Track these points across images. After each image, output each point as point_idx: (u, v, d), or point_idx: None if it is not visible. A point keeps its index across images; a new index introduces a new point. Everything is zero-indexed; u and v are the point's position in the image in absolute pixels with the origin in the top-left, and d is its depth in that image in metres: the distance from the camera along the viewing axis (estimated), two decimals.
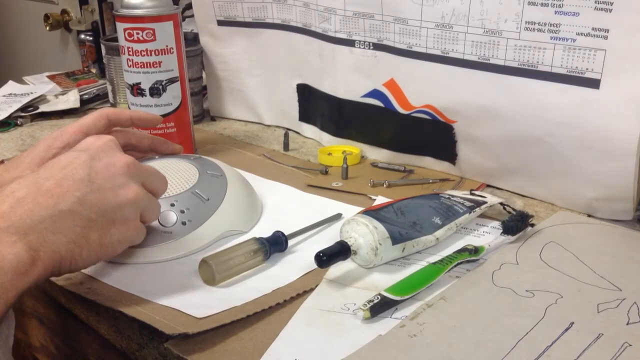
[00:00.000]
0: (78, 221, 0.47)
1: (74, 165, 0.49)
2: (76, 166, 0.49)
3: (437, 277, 0.53)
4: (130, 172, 0.51)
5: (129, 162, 0.51)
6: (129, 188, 0.50)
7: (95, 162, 0.50)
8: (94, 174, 0.49)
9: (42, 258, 0.44)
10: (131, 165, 0.51)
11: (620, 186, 0.62)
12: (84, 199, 0.47)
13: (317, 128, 0.88)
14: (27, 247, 0.44)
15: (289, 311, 0.50)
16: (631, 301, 0.51)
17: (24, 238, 0.44)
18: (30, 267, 0.43)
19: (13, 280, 0.42)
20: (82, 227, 0.47)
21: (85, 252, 0.48)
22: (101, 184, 0.49)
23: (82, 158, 0.49)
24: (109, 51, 0.96)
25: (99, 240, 0.48)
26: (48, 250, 0.45)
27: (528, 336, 0.46)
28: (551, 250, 0.59)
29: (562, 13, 0.60)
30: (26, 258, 0.43)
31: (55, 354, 0.71)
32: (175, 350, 0.46)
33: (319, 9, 0.79)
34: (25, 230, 0.44)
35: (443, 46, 0.69)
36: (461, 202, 0.64)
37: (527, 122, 0.66)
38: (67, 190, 0.47)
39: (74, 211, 0.47)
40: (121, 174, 0.50)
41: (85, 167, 0.49)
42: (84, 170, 0.49)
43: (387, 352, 0.45)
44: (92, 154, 0.50)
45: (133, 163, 0.51)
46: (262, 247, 0.56)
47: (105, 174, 0.49)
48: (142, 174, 0.52)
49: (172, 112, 0.79)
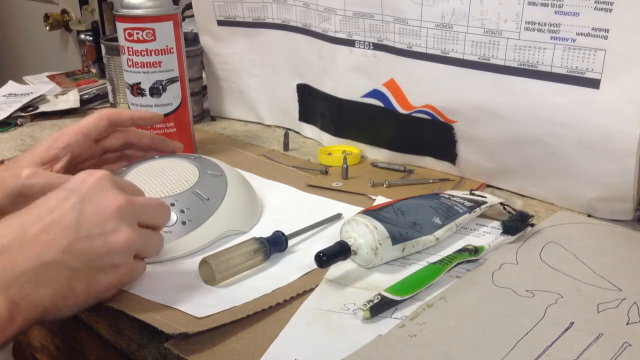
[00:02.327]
0: (63, 272, 0.45)
1: (62, 209, 0.46)
2: (64, 211, 0.46)
3: (437, 277, 0.53)
4: (122, 214, 0.48)
5: (121, 204, 0.48)
6: (119, 233, 0.47)
7: (84, 205, 0.47)
8: (82, 219, 0.46)
9: (23, 312, 0.43)
10: (123, 207, 0.48)
11: (620, 186, 0.62)
12: (70, 247, 0.45)
13: (317, 128, 0.88)
14: (7, 301, 0.42)
15: (289, 311, 0.50)
16: (631, 301, 0.51)
17: (5, 292, 0.43)
18: (8, 323, 0.42)
19: None
20: (67, 278, 0.45)
21: (70, 302, 0.46)
22: (90, 230, 0.46)
23: (71, 201, 0.47)
24: (109, 51, 0.96)
25: (86, 290, 0.47)
26: (29, 303, 0.44)
27: (528, 336, 0.46)
28: (551, 250, 0.59)
29: (562, 13, 0.60)
30: (5, 314, 0.42)
31: (55, 354, 0.71)
32: (175, 350, 0.46)
33: (319, 9, 0.79)
34: (6, 284, 0.43)
35: (443, 46, 0.69)
36: (461, 202, 0.64)
37: (527, 122, 0.66)
38: (53, 238, 0.45)
39: (59, 262, 0.45)
40: (112, 218, 0.47)
41: (74, 212, 0.46)
42: (72, 215, 0.46)
43: (387, 352, 0.45)
44: (82, 196, 0.47)
45: (126, 203, 0.48)
46: (262, 247, 0.56)
47: (94, 219, 0.47)
48: (137, 213, 0.50)
49: (172, 112, 0.79)
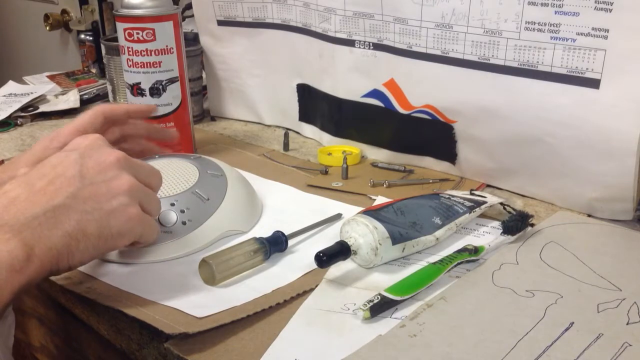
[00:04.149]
0: (73, 215, 0.47)
1: (65, 164, 0.49)
2: (67, 164, 0.49)
3: (437, 277, 0.53)
4: (121, 164, 0.51)
5: (120, 156, 0.51)
6: (121, 179, 0.50)
7: (85, 159, 0.50)
8: (85, 170, 0.49)
9: (38, 254, 0.44)
10: (122, 159, 0.51)
11: (620, 186, 0.62)
12: (77, 193, 0.48)
13: (317, 128, 0.88)
14: (21, 244, 0.43)
15: (289, 311, 0.50)
16: (631, 301, 0.51)
17: (18, 235, 0.44)
18: (25, 264, 0.43)
19: (8, 277, 0.42)
20: (78, 221, 0.47)
21: (82, 245, 0.47)
22: (93, 178, 0.49)
23: (72, 157, 0.50)
24: (109, 51, 0.96)
25: (97, 233, 0.48)
26: (43, 246, 0.45)
27: (528, 336, 0.46)
28: (551, 250, 0.59)
29: (562, 13, 0.60)
30: (21, 255, 0.43)
31: (55, 354, 0.71)
32: (175, 350, 0.46)
33: (319, 9, 0.79)
34: (19, 228, 0.44)
35: (443, 46, 0.69)
36: (461, 202, 0.64)
37: (527, 122, 0.66)
38: (60, 187, 0.48)
39: (68, 205, 0.47)
40: (112, 167, 0.50)
41: (77, 165, 0.49)
42: (75, 168, 0.49)
43: (387, 352, 0.45)
44: (81, 152, 0.50)
45: (124, 157, 0.51)
46: (262, 247, 0.56)
47: (96, 169, 0.50)
48: (134, 167, 0.52)
49: (172, 112, 0.79)
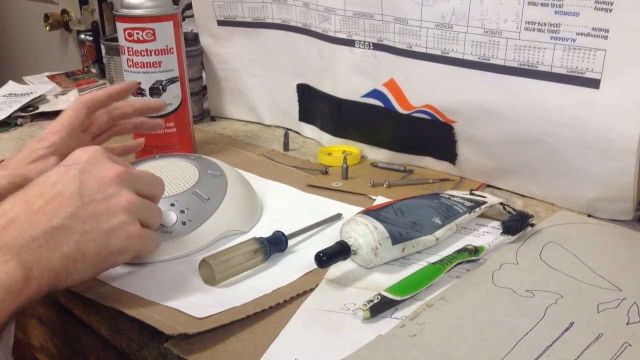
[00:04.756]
0: (72, 236, 0.47)
1: (64, 181, 0.49)
2: (66, 182, 0.49)
3: (437, 277, 0.53)
4: (121, 181, 0.50)
5: (120, 172, 0.50)
6: (121, 196, 0.50)
7: (85, 175, 0.49)
8: (84, 187, 0.49)
9: (36, 276, 0.44)
10: (122, 174, 0.50)
11: (620, 186, 0.62)
12: (76, 213, 0.47)
13: (317, 128, 0.88)
14: (20, 265, 0.43)
15: (289, 311, 0.50)
16: (631, 301, 0.51)
17: (17, 257, 0.44)
18: (23, 286, 0.43)
19: (5, 299, 0.42)
20: (77, 242, 0.47)
21: (81, 265, 0.47)
22: (92, 196, 0.49)
23: (71, 173, 0.49)
24: (109, 51, 0.96)
25: (96, 252, 0.48)
26: (42, 267, 0.45)
27: (528, 336, 0.46)
28: (551, 250, 0.59)
29: (562, 13, 0.60)
30: (19, 277, 0.43)
31: (55, 354, 0.71)
32: (175, 350, 0.46)
33: (319, 9, 0.79)
34: (18, 250, 0.44)
35: (443, 46, 0.69)
36: (461, 202, 0.64)
37: (527, 122, 0.66)
38: (59, 206, 0.47)
39: (67, 226, 0.47)
40: (112, 184, 0.50)
41: (75, 182, 0.49)
42: (74, 185, 0.48)
43: (387, 352, 0.45)
44: (81, 168, 0.50)
45: (124, 172, 0.51)
46: (262, 247, 0.56)
47: (96, 186, 0.49)
48: (135, 181, 0.52)
49: (172, 112, 0.79)
